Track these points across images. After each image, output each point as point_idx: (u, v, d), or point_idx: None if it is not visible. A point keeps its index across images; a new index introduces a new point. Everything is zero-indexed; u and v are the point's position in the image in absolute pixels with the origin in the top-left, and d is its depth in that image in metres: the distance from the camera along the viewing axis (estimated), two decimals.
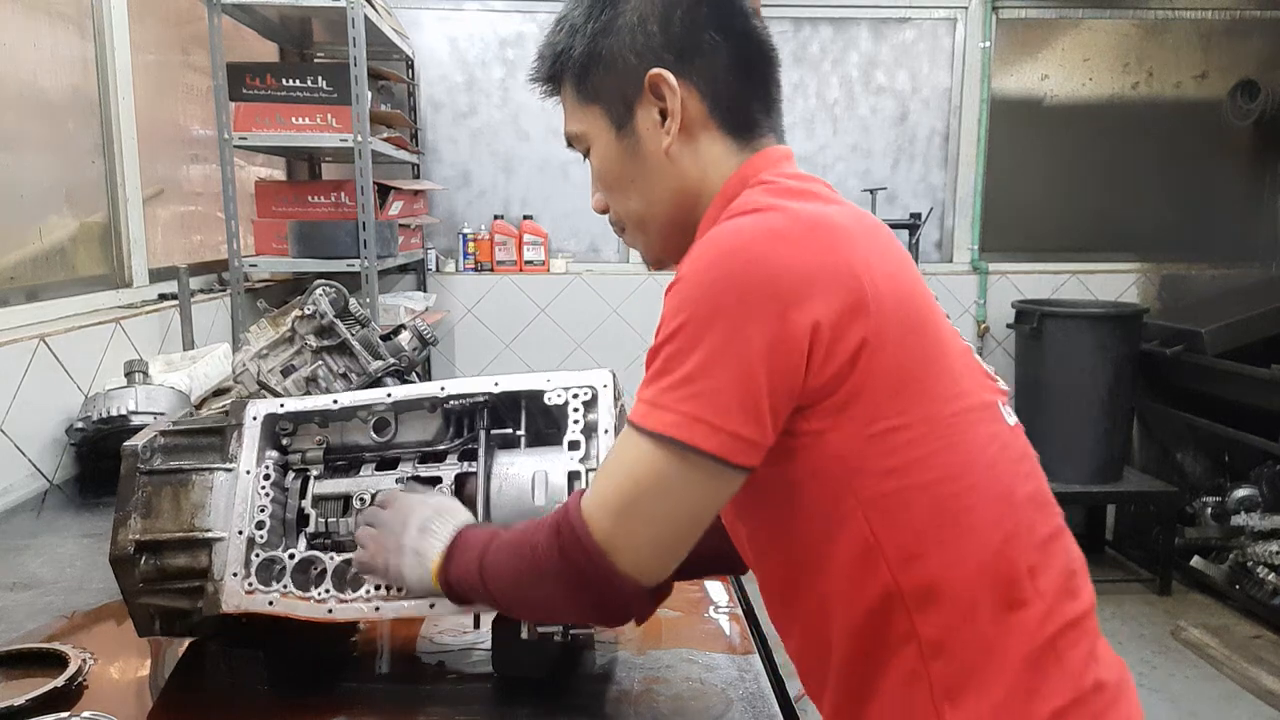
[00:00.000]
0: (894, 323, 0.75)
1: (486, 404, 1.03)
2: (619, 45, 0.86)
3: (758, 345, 0.72)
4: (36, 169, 2.08)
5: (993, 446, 0.80)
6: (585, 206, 3.96)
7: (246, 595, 0.93)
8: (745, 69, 0.87)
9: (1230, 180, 4.16)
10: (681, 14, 0.85)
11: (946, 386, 0.78)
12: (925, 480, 0.76)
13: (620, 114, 0.88)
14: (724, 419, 0.72)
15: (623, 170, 0.90)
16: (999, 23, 3.98)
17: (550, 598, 0.82)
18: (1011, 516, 0.79)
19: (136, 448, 0.99)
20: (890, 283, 0.76)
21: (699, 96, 0.86)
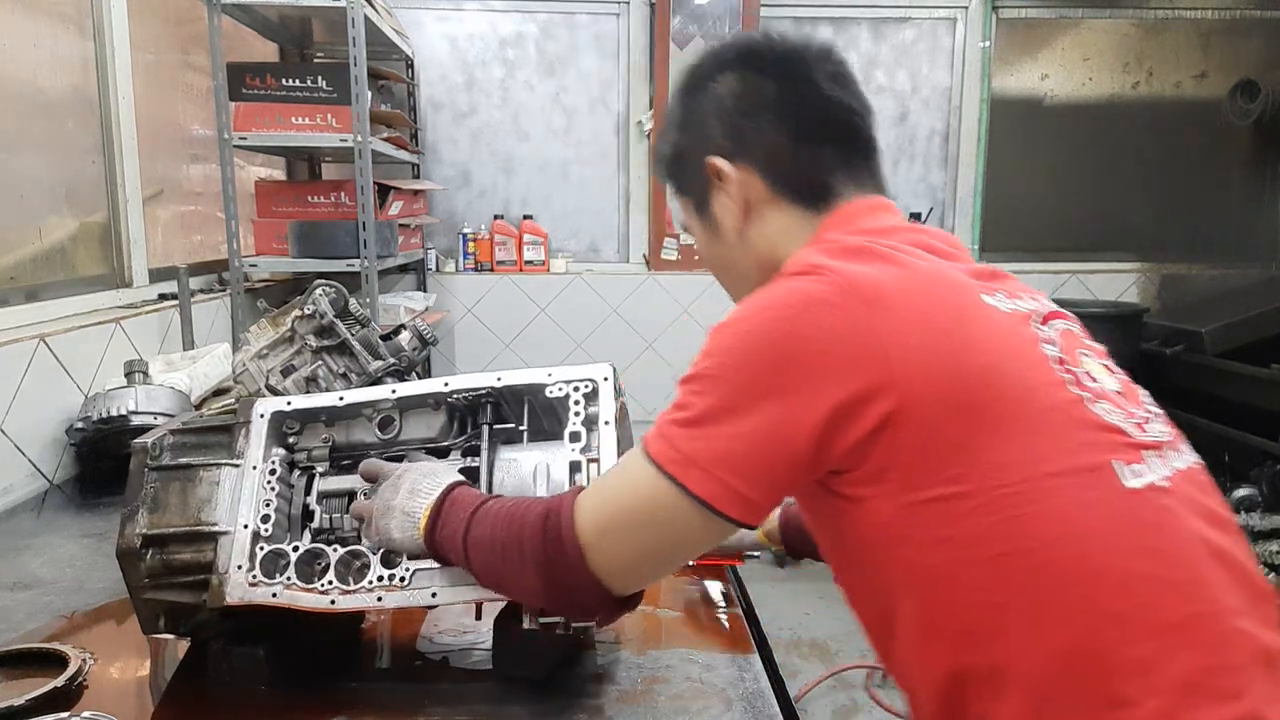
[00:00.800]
0: (932, 393, 0.71)
1: (489, 399, 1.03)
2: (689, 141, 0.94)
3: (767, 411, 0.73)
4: (36, 169, 2.08)
5: (1092, 516, 0.70)
6: (585, 206, 3.99)
7: (250, 588, 0.94)
8: (811, 140, 0.89)
9: (1230, 180, 4.16)
10: (735, 103, 0.90)
11: (1017, 452, 0.71)
12: (985, 554, 0.71)
13: (700, 202, 0.95)
14: (721, 470, 0.74)
15: (711, 252, 0.97)
16: (999, 23, 3.98)
17: (522, 576, 0.83)
18: (1112, 597, 0.69)
19: (146, 444, 1.00)
20: (932, 352, 0.72)
21: (759, 176, 0.90)
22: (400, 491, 0.92)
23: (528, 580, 0.83)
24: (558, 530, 0.80)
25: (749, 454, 0.74)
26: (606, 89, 3.92)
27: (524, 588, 0.85)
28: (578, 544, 0.79)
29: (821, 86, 0.90)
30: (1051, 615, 0.69)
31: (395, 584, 0.92)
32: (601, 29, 3.87)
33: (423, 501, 0.91)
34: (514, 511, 0.84)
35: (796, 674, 2.82)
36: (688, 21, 3.75)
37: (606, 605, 0.83)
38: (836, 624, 3.15)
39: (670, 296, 3.87)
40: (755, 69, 0.91)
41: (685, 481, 0.74)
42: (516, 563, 0.82)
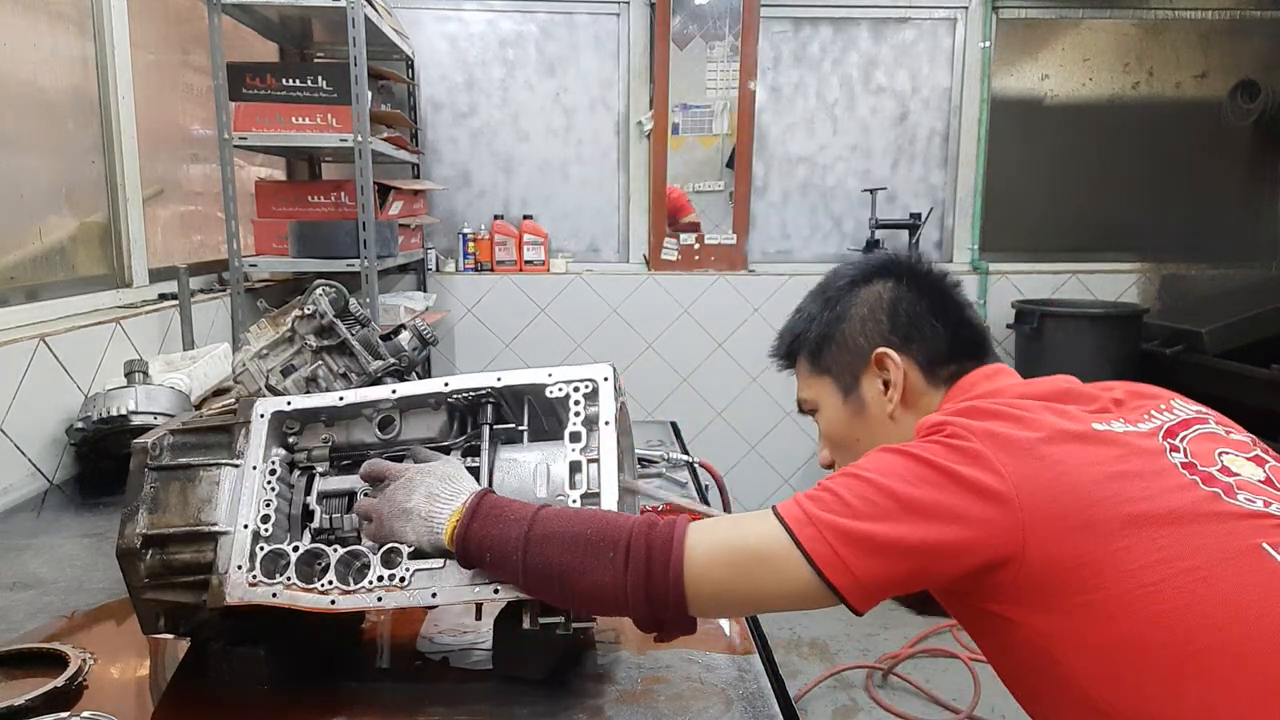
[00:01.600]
0: (1052, 521, 0.79)
1: (489, 399, 1.03)
2: (851, 330, 1.07)
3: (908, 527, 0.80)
4: (36, 169, 2.08)
5: (1251, 595, 0.75)
6: (585, 206, 3.99)
7: (250, 588, 0.94)
8: (961, 340, 1.05)
9: (1230, 180, 4.17)
10: (905, 307, 1.06)
11: (1153, 554, 0.77)
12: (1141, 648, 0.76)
13: (848, 384, 1.07)
14: (843, 546, 0.80)
15: (848, 431, 1.08)
16: (999, 23, 3.98)
17: (605, 576, 0.84)
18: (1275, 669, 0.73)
19: (146, 444, 1.00)
20: (1045, 484, 0.80)
21: (918, 368, 1.04)
22: (416, 495, 0.92)
23: (614, 579, 0.84)
24: (667, 541, 0.84)
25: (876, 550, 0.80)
26: (606, 89, 3.92)
27: (605, 584, 0.85)
28: (681, 559, 0.83)
29: (965, 308, 1.09)
30: (1221, 693, 0.73)
31: (395, 584, 0.92)
32: (601, 29, 3.87)
33: (443, 507, 0.91)
34: (601, 516, 0.88)
35: (796, 674, 2.82)
36: (688, 21, 3.75)
37: (683, 622, 0.86)
38: (836, 624, 3.16)
39: (670, 297, 3.87)
40: (903, 283, 1.07)
41: (805, 543, 0.81)
42: (604, 560, 0.84)
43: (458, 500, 0.91)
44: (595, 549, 0.85)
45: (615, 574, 0.84)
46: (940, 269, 1.11)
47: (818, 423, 1.12)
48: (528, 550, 0.86)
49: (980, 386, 1.01)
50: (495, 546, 0.87)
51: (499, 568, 0.88)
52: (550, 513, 0.89)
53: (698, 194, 3.90)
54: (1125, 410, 0.93)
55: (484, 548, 0.88)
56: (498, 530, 0.88)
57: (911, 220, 3.86)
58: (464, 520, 0.89)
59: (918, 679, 2.79)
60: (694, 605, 0.84)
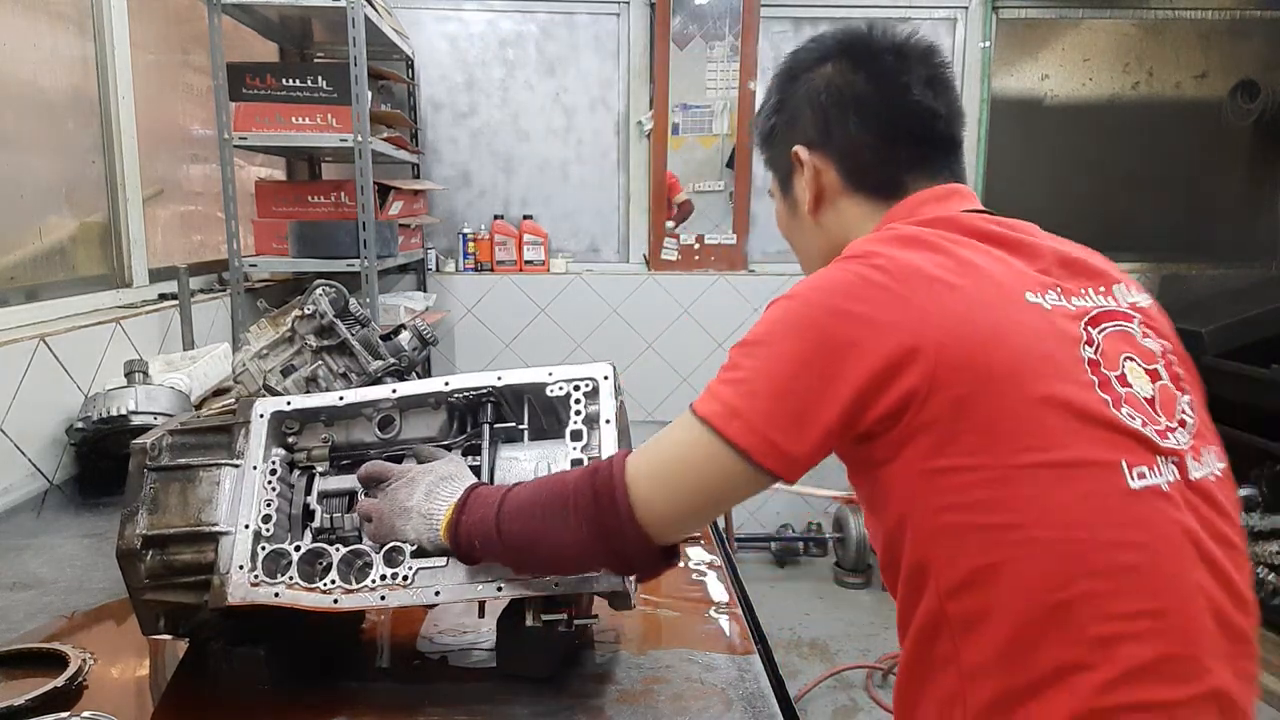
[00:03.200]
0: (958, 377, 0.77)
1: (490, 399, 1.03)
2: (782, 124, 1.02)
3: (811, 376, 0.79)
4: (36, 169, 2.08)
5: (1082, 508, 0.77)
6: (585, 206, 3.99)
7: (252, 588, 0.94)
8: (890, 140, 0.96)
9: (1230, 180, 4.16)
10: (826, 99, 0.97)
11: (1028, 440, 0.77)
12: (981, 522, 0.78)
13: (784, 181, 1.04)
14: (764, 424, 0.79)
15: (788, 225, 1.07)
16: (999, 23, 3.98)
17: (564, 534, 0.85)
18: (1085, 583, 0.75)
19: (145, 445, 1.00)
20: (963, 339, 0.78)
21: (835, 168, 0.98)
22: (416, 493, 0.93)
23: (572, 534, 0.85)
24: (609, 481, 0.84)
25: (792, 414, 0.79)
26: (606, 89, 3.92)
27: (567, 542, 0.86)
28: (626, 493, 0.83)
29: (913, 90, 0.95)
30: (1035, 582, 0.76)
31: (398, 583, 0.92)
32: (601, 29, 3.87)
33: (441, 505, 0.92)
34: (554, 479, 0.89)
35: (796, 674, 2.82)
36: (688, 21, 3.75)
37: (647, 553, 0.86)
38: (836, 624, 3.16)
39: (670, 296, 3.87)
40: (853, 64, 0.97)
41: (727, 433, 0.80)
42: (560, 519, 0.85)
43: (455, 497, 0.92)
44: (551, 512, 0.86)
45: (572, 531, 0.85)
46: (917, 41, 0.98)
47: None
48: (500, 529, 0.87)
49: (926, 210, 0.93)
50: (478, 532, 0.89)
51: (487, 553, 0.89)
52: (517, 488, 0.90)
53: (698, 194, 3.90)
54: (1065, 279, 0.89)
55: (472, 535, 0.89)
56: (479, 515, 0.89)
57: None
58: (455, 514, 0.90)
59: None
60: (655, 534, 0.85)
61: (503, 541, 0.87)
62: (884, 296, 0.80)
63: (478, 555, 0.90)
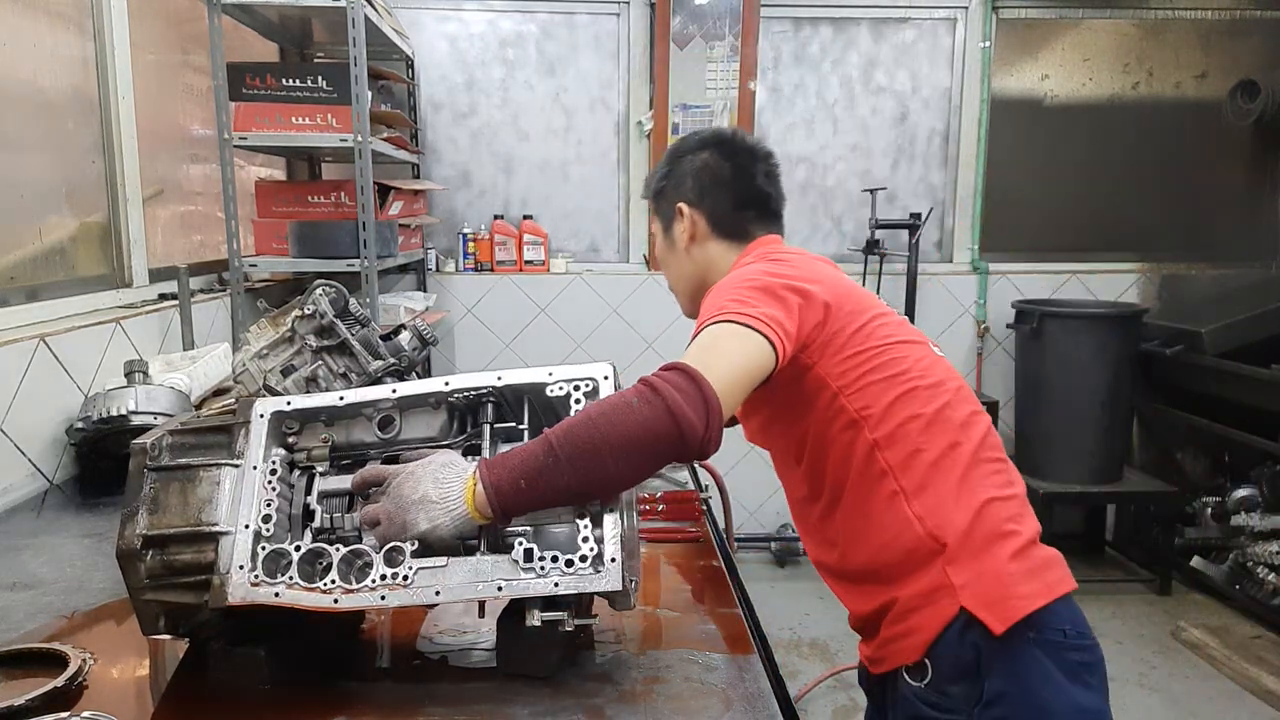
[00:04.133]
0: (843, 308, 1.24)
1: (490, 399, 1.03)
2: (670, 187, 1.47)
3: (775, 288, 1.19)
4: (36, 169, 2.08)
5: (926, 359, 1.27)
6: (585, 206, 3.99)
7: (252, 587, 0.94)
8: (743, 204, 1.43)
9: (1230, 180, 4.16)
10: (699, 171, 1.44)
11: (880, 332, 1.25)
12: (882, 376, 1.22)
13: (667, 225, 1.48)
14: (764, 313, 1.13)
15: (665, 256, 1.51)
16: (999, 23, 3.98)
17: (632, 417, 0.95)
18: (941, 397, 1.23)
19: (145, 445, 1.00)
20: (838, 288, 1.27)
21: (705, 219, 1.43)
22: (423, 484, 0.94)
23: (643, 412, 0.95)
24: (673, 366, 1.02)
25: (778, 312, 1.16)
26: (606, 89, 3.92)
27: (638, 420, 0.95)
28: (691, 366, 1.01)
29: (757, 179, 1.43)
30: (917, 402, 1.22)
31: (398, 583, 0.92)
32: (601, 29, 3.87)
33: (455, 485, 0.93)
34: (602, 400, 1.00)
35: (796, 674, 2.82)
36: (688, 21, 3.75)
37: (717, 416, 1.00)
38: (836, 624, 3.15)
39: (670, 297, 3.85)
40: (721, 155, 1.43)
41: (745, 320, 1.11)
42: (625, 410, 0.95)
43: (466, 475, 0.93)
44: (615, 409, 0.95)
45: (652, 408, 0.95)
46: (762, 146, 1.46)
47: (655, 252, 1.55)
48: (555, 447, 0.92)
49: (769, 248, 1.38)
50: (524, 471, 0.92)
51: (534, 488, 0.92)
52: (563, 423, 0.96)
53: None
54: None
55: (516, 477, 0.92)
56: (517, 460, 0.93)
57: (911, 220, 3.86)
58: (481, 476, 0.92)
59: None
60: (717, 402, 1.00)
61: (560, 456, 0.92)
62: (798, 269, 1.26)
63: (523, 497, 0.92)
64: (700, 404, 0.98)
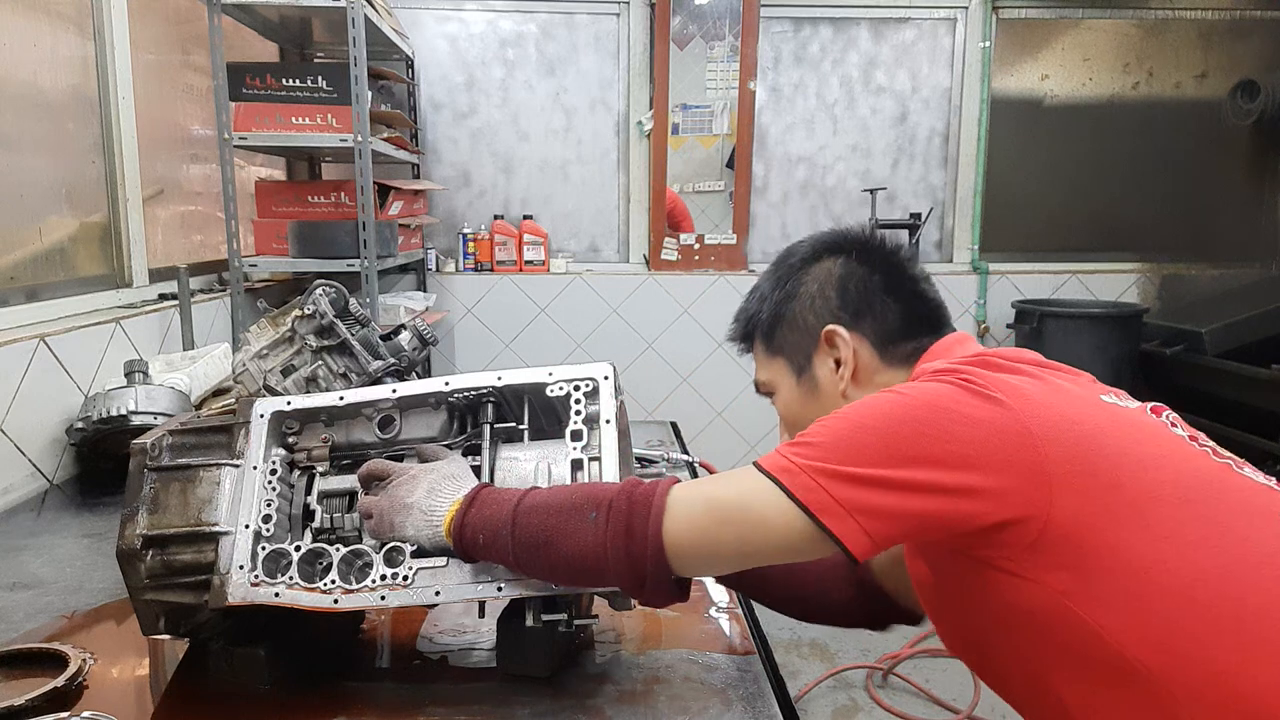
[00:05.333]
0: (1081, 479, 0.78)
1: (490, 399, 1.03)
2: (800, 308, 1.05)
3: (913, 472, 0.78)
4: (36, 169, 2.08)
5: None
6: (585, 206, 3.99)
7: (252, 587, 0.94)
8: (915, 317, 1.03)
9: (1230, 180, 4.16)
10: (855, 283, 1.03)
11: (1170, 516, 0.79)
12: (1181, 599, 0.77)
13: (800, 364, 1.05)
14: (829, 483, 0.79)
15: (804, 411, 1.03)
16: (999, 23, 3.98)
17: (585, 535, 0.84)
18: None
19: (145, 445, 1.00)
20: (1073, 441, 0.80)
21: (870, 345, 1.02)
22: (418, 490, 0.93)
23: (595, 535, 0.83)
24: (650, 492, 0.84)
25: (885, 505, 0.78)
26: (606, 89, 3.92)
27: (586, 543, 0.84)
28: (663, 505, 0.83)
29: (920, 284, 1.05)
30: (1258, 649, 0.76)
31: (399, 583, 0.92)
32: (601, 29, 3.87)
33: (444, 502, 0.92)
34: (592, 484, 0.90)
35: (796, 674, 2.82)
36: (688, 21, 3.75)
37: (662, 577, 0.84)
38: None
39: (670, 297, 3.87)
40: (862, 260, 1.05)
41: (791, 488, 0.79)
42: (584, 520, 0.84)
43: (458, 496, 0.92)
44: (579, 511, 0.85)
45: (597, 533, 0.84)
46: (894, 242, 1.09)
47: (775, 405, 1.09)
48: (516, 522, 0.86)
49: (956, 352, 0.98)
50: (487, 527, 0.88)
51: (491, 548, 0.88)
52: (542, 490, 0.90)
53: (698, 194, 3.90)
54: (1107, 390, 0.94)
55: (477, 530, 0.88)
56: (491, 511, 0.88)
57: (911, 220, 3.86)
58: (461, 509, 0.90)
59: (918, 679, 2.79)
60: (675, 559, 0.83)
61: (515, 536, 0.86)
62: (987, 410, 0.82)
63: (480, 552, 0.89)
64: (645, 549, 0.83)
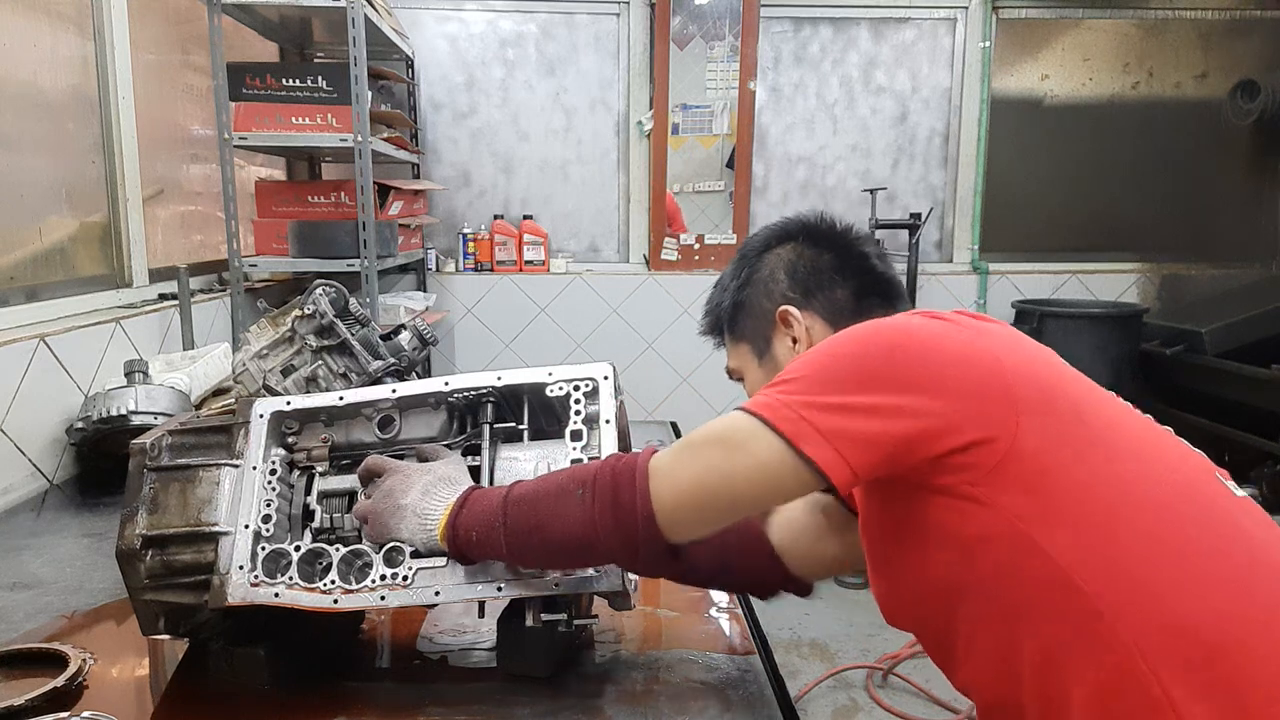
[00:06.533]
0: (1044, 403, 0.81)
1: (490, 399, 1.03)
2: (755, 294, 1.08)
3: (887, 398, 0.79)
4: (36, 169, 2.08)
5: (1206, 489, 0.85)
6: (585, 206, 3.99)
7: (252, 588, 0.94)
8: (866, 292, 1.06)
9: (1230, 180, 4.16)
10: (805, 265, 1.07)
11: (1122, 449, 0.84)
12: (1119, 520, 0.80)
13: (761, 347, 1.08)
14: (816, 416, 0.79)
15: None
16: (999, 23, 3.98)
17: (575, 512, 0.84)
18: None
19: (145, 445, 1.00)
20: (1037, 369, 0.85)
21: (822, 321, 1.05)
22: (412, 491, 0.93)
23: (584, 512, 0.83)
24: (629, 461, 0.84)
25: (863, 430, 0.78)
26: (606, 89, 3.92)
27: (576, 521, 0.84)
28: (645, 467, 0.83)
29: (870, 259, 1.08)
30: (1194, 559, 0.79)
31: (398, 583, 0.92)
32: (601, 29, 3.87)
33: (438, 504, 0.91)
34: (572, 468, 0.90)
35: (796, 674, 2.82)
36: (688, 21, 3.75)
37: (655, 543, 0.83)
38: (836, 624, 3.15)
39: (670, 296, 3.87)
40: (810, 244, 1.09)
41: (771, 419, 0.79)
42: (573, 498, 0.84)
43: (452, 499, 0.91)
44: (565, 492, 0.86)
45: (585, 510, 0.84)
46: (844, 223, 1.12)
47: (745, 389, 1.10)
48: (506, 513, 0.87)
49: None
50: (479, 523, 0.88)
51: (484, 544, 0.88)
52: (528, 480, 0.91)
53: (698, 194, 3.90)
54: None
55: (470, 528, 0.88)
56: (481, 508, 0.88)
57: (911, 220, 3.86)
58: (454, 511, 0.89)
59: (918, 679, 2.79)
60: (665, 520, 0.82)
61: (507, 526, 0.86)
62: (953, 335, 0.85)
63: (474, 550, 0.89)
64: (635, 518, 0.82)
